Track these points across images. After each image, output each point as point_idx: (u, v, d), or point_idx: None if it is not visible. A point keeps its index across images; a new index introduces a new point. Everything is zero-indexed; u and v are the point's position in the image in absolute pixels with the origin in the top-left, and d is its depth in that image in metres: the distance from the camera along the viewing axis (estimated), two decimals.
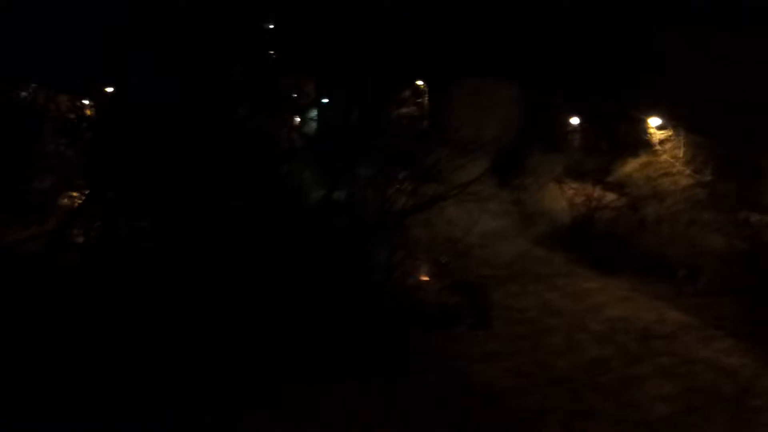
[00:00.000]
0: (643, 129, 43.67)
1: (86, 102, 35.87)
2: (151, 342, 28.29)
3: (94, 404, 26.37)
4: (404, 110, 44.17)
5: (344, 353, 30.54)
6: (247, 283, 30.12)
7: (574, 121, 48.40)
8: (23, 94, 35.07)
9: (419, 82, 52.86)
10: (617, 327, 35.13)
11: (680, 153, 42.21)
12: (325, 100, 43.76)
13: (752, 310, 35.13)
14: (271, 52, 40.68)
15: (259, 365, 29.27)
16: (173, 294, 29.23)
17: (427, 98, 53.31)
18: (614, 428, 27.29)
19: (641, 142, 43.72)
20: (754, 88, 41.84)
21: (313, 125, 42.84)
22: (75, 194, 33.43)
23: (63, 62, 32.70)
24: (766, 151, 41.91)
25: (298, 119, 41.25)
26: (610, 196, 47.45)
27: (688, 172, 42.02)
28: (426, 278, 35.73)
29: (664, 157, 42.84)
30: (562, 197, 47.88)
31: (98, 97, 36.05)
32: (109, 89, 36.70)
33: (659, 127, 43.20)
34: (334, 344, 30.59)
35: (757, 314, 34.71)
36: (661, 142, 43.12)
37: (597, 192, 47.56)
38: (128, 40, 32.16)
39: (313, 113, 43.53)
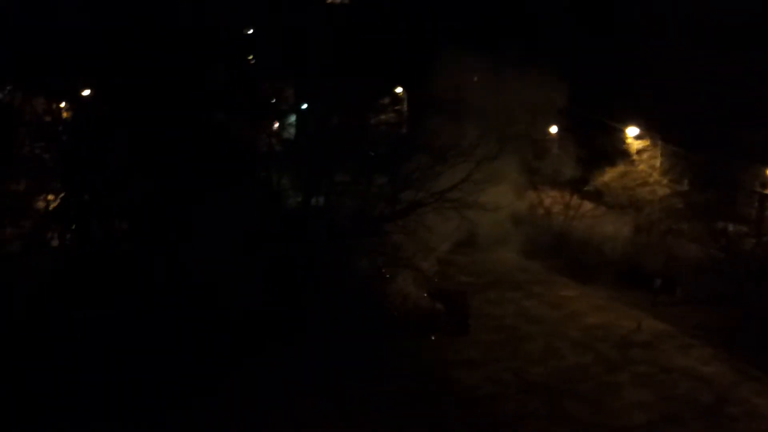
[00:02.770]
0: (621, 138, 43.83)
1: (62, 104, 35.48)
2: (124, 342, 28.19)
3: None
4: (383, 117, 43.99)
5: (322, 357, 30.40)
6: (222, 284, 29.93)
7: (553, 129, 48.48)
8: None
9: (398, 89, 52.83)
10: (595, 335, 35.19)
11: (657, 163, 42.41)
12: (305, 106, 43.53)
13: (729, 319, 35.32)
14: (250, 57, 40.46)
15: (232, 364, 29.20)
16: (148, 294, 29.03)
17: (406, 105, 53.30)
18: None
19: (619, 152, 43.87)
20: (731, 99, 42.18)
21: (292, 131, 42.60)
22: (50, 197, 33.05)
23: (40, 64, 32.38)
24: (742, 162, 42.24)
25: (276, 124, 41.03)
26: (588, 205, 47.64)
27: (665, 182, 42.22)
28: (405, 284, 35.58)
29: (642, 166, 43.03)
30: (540, 206, 47.97)
31: (75, 99, 35.66)
32: (86, 92, 36.35)
33: (637, 137, 43.38)
34: (311, 348, 30.46)
35: (734, 323, 34.90)
36: (639, 151, 43.31)
37: (574, 200, 47.71)
38: (108, 43, 31.86)
39: (292, 118, 43.29)
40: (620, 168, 43.39)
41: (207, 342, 29.12)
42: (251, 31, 41.83)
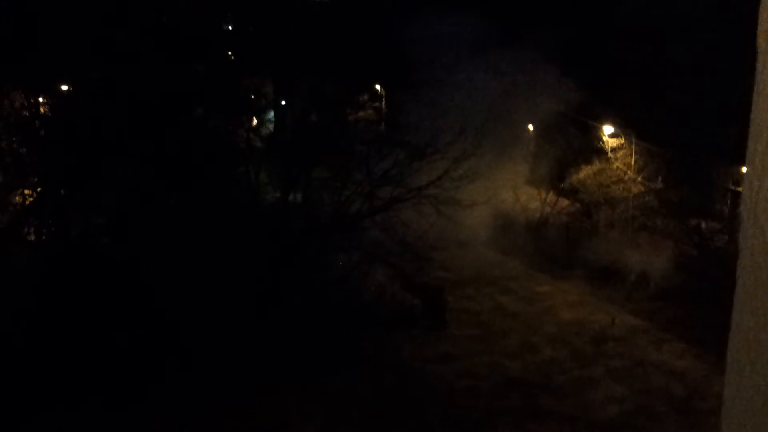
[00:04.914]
0: (597, 136, 44.24)
1: (41, 99, 35.34)
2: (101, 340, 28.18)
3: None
4: (362, 113, 44.18)
5: (300, 351, 30.51)
6: (202, 280, 29.98)
7: (529, 127, 48.85)
8: None
9: (377, 86, 52.98)
10: (570, 330, 35.58)
11: (632, 161, 42.85)
12: (283, 102, 43.63)
13: (701, 314, 35.68)
14: (229, 53, 40.50)
15: (212, 363, 29.24)
16: (127, 289, 29.03)
17: (384, 102, 53.49)
18: (565, 429, 27.72)
19: (594, 150, 44.29)
20: (706, 97, 42.68)
21: (271, 127, 42.63)
22: (27, 192, 32.96)
23: (18, 58, 32.23)
24: (715, 160, 42.75)
25: (255, 120, 41.08)
26: (564, 202, 48.05)
27: (639, 179, 42.66)
28: (382, 280, 35.77)
29: (617, 164, 43.46)
30: (517, 202, 48.29)
31: (53, 94, 35.53)
32: (65, 87, 36.25)
33: (612, 135, 43.81)
34: (290, 342, 30.56)
35: (706, 318, 35.25)
36: (614, 149, 43.74)
37: (551, 198, 48.10)
38: (88, 38, 31.80)
39: (271, 115, 43.34)
40: (596, 166, 43.82)
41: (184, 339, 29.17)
42: (230, 27, 41.89)
